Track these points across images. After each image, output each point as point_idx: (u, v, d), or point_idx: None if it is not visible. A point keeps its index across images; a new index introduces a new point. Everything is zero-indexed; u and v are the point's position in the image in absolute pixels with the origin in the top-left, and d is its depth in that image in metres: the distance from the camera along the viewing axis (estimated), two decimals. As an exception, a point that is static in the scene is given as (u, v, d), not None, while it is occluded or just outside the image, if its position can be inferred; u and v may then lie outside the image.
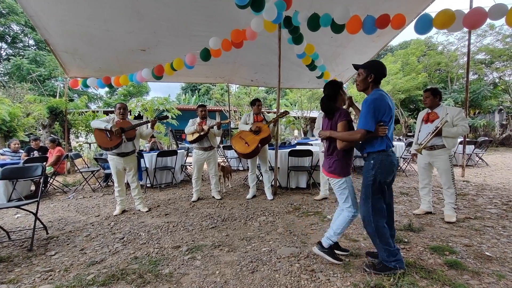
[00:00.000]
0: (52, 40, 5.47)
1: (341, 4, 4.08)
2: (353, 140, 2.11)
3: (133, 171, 3.93)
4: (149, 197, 4.80)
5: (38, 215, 2.95)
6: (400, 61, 16.57)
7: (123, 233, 3.10)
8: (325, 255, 2.28)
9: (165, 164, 5.71)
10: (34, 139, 5.95)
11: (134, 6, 4.65)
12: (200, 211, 3.88)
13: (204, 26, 5.23)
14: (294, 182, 5.07)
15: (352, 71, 7.92)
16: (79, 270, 2.30)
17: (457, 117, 3.15)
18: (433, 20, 3.62)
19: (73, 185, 5.94)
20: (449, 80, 17.11)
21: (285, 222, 3.33)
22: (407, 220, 3.24)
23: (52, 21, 4.93)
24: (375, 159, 2.10)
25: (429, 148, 3.27)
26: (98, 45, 5.70)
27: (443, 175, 3.25)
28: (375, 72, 2.13)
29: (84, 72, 6.73)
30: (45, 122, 8.21)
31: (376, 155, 2.10)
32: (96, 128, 3.69)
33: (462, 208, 3.74)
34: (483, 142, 8.04)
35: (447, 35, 16.75)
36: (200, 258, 2.45)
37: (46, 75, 17.05)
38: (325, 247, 2.28)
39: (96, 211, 4.04)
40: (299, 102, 17.45)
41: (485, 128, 14.79)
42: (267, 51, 6.17)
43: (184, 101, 23.40)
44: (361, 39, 5.97)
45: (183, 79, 9.12)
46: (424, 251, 2.47)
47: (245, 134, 4.23)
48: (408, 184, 5.36)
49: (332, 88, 2.35)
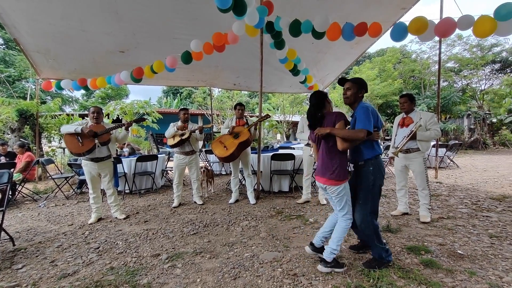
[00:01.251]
0: (22, 39, 5.16)
1: (322, 11, 4.20)
2: (357, 138, 2.09)
3: (109, 177, 3.75)
4: (128, 204, 4.62)
5: (4, 226, 2.75)
6: (377, 67, 17.26)
7: (98, 243, 2.95)
8: (334, 269, 2.19)
9: (145, 169, 5.53)
10: (0, 144, 5.56)
11: (112, 6, 4.50)
12: (181, 217, 3.78)
13: (185, 29, 5.16)
14: (277, 186, 5.09)
15: (332, 77, 8.14)
16: (48, 284, 2.16)
17: (430, 122, 3.31)
18: (408, 27, 3.80)
19: (45, 193, 5.59)
20: (422, 86, 18.04)
21: (267, 227, 3.32)
22: (385, 221, 3.34)
23: (22, 19, 4.65)
24: (374, 165, 2.22)
25: (405, 151, 3.40)
26: (73, 45, 5.44)
27: (418, 177, 3.39)
28: (365, 89, 2.31)
29: (58, 74, 6.39)
30: (14, 126, 7.71)
31: (374, 161, 2.23)
32: (66, 133, 3.47)
33: (435, 208, 3.92)
34: (454, 145, 8.52)
35: (420, 44, 17.76)
36: (180, 266, 2.37)
37: (16, 76, 16.09)
38: (329, 261, 2.20)
39: (69, 220, 3.83)
40: (281, 106, 17.64)
41: (455, 132, 15.71)
42: (250, 56, 6.19)
43: (166, 105, 22.93)
44: (341, 46, 6.15)
45: (164, 82, 8.94)
46: (401, 251, 2.55)
47: (225, 138, 4.22)
48: (386, 186, 5.55)
49: (319, 98, 2.34)
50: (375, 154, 2.24)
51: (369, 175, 2.21)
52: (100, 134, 3.53)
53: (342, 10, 4.85)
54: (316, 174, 2.34)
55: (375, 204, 2.26)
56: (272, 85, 8.63)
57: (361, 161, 2.25)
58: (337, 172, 2.15)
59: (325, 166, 2.22)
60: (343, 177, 2.17)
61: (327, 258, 2.20)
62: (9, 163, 5.11)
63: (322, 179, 2.24)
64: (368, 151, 2.23)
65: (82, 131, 3.40)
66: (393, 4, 4.87)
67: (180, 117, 4.35)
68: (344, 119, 2.18)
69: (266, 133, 18.03)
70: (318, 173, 2.30)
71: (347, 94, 2.30)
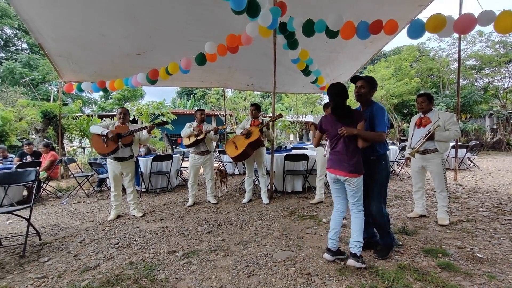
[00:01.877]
0: (46, 44, 5.44)
1: (335, 11, 4.16)
2: (380, 140, 2.34)
3: (130, 176, 3.91)
4: (144, 202, 4.76)
5: (31, 221, 2.91)
6: (393, 66, 16.85)
7: (117, 239, 3.08)
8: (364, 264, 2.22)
9: (161, 168, 5.68)
10: (27, 144, 5.87)
11: (130, 11, 4.67)
12: (196, 216, 3.87)
13: (199, 31, 5.26)
14: (290, 186, 5.09)
15: (346, 76, 8.03)
16: (73, 276, 2.27)
17: (449, 122, 3.22)
18: (425, 24, 3.71)
19: (67, 190, 5.86)
20: (441, 85, 17.45)
21: (281, 226, 3.34)
22: (401, 223, 3.28)
23: (46, 25, 4.91)
24: (385, 160, 2.47)
25: (422, 152, 3.33)
26: (93, 49, 5.68)
27: (436, 179, 3.30)
28: (376, 88, 2.48)
29: (79, 76, 6.69)
30: (39, 127, 8.11)
31: (385, 156, 2.47)
32: (94, 133, 3.69)
33: (454, 211, 3.80)
34: (475, 146, 8.19)
35: (439, 41, 17.15)
36: (196, 263, 2.44)
37: (39, 79, 16.89)
38: (359, 255, 2.23)
39: (90, 216, 4.00)
40: (294, 106, 17.56)
41: (476, 132, 15.07)
42: (263, 56, 6.22)
43: (180, 106, 23.33)
44: (355, 45, 6.07)
45: (178, 83, 9.14)
46: (418, 253, 2.50)
47: (237, 138, 4.31)
48: (402, 187, 5.43)
49: (342, 88, 2.33)
50: (386, 150, 2.48)
51: (383, 169, 2.43)
52: (124, 136, 3.69)
53: (356, 9, 4.80)
54: (333, 167, 2.36)
55: (386, 195, 2.53)
56: (285, 86, 8.64)
57: (373, 156, 2.41)
58: (355, 166, 2.27)
59: (346, 160, 2.29)
60: (362, 170, 2.30)
61: (358, 252, 2.23)
62: (34, 162, 5.39)
63: (342, 172, 2.29)
64: (381, 147, 2.43)
65: (107, 135, 3.58)
66: (410, 1, 4.77)
67: (196, 117, 4.44)
68: (364, 118, 2.32)
69: (279, 133, 18.02)
70: (336, 167, 2.33)
71: (360, 91, 2.42)
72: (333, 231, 2.40)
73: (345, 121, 2.30)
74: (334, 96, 2.33)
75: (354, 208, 2.33)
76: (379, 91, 15.00)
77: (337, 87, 2.35)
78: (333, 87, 2.36)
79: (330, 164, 2.40)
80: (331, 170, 2.38)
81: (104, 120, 3.99)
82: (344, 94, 2.32)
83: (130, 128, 3.80)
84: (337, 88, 2.33)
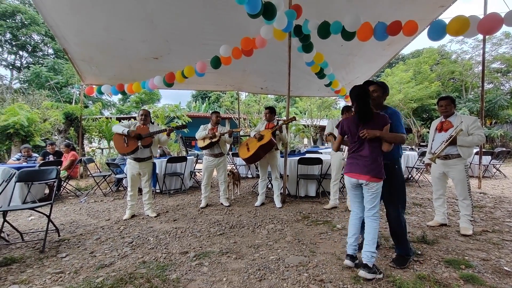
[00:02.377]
0: (70, 49, 5.68)
1: (352, 13, 4.09)
2: (402, 142, 2.32)
3: (147, 176, 3.99)
4: (158, 203, 4.83)
5: (51, 218, 3.02)
6: (412, 69, 16.36)
7: (132, 238, 3.13)
8: (376, 275, 2.12)
9: (175, 170, 5.77)
10: (50, 144, 6.13)
11: (148, 16, 4.81)
12: (208, 218, 3.88)
13: (215, 34, 5.34)
14: (303, 191, 5.01)
15: (362, 80, 7.86)
16: (88, 272, 2.33)
17: (473, 126, 3.06)
18: (446, 27, 3.57)
19: (85, 189, 6.06)
20: (464, 89, 16.74)
21: (293, 231, 3.28)
22: (420, 231, 3.14)
23: (71, 31, 5.14)
24: (399, 165, 2.42)
25: (444, 157, 3.17)
26: (113, 53, 5.89)
27: (459, 186, 3.14)
28: (388, 93, 2.52)
29: (99, 80, 6.94)
30: (61, 128, 8.48)
31: (399, 161, 2.43)
32: (116, 132, 3.83)
33: (479, 220, 3.60)
34: (500, 153, 7.76)
35: (461, 43, 16.50)
36: (207, 265, 2.43)
37: (63, 83, 17.71)
38: (371, 266, 2.14)
39: (106, 215, 4.10)
40: (309, 110, 17.40)
41: (502, 139, 14.31)
42: (277, 59, 6.22)
43: (195, 109, 23.72)
44: (372, 48, 5.95)
45: (193, 86, 9.28)
46: (438, 264, 2.37)
47: (250, 141, 4.31)
48: (422, 195, 5.21)
49: (366, 90, 2.28)
50: (400, 155, 2.46)
51: (400, 173, 2.40)
52: (144, 137, 3.79)
53: (373, 11, 4.70)
54: (354, 172, 2.29)
55: (405, 200, 2.45)
56: (299, 89, 8.58)
57: (389, 160, 2.35)
58: (380, 169, 2.22)
59: (368, 164, 2.23)
60: (384, 174, 2.24)
61: (370, 262, 2.14)
62: (56, 161, 5.62)
63: (364, 176, 2.22)
64: (396, 152, 2.39)
65: (129, 134, 3.68)
66: (431, 2, 4.63)
67: (212, 119, 4.49)
68: (389, 121, 2.26)
69: (293, 137, 17.89)
70: (357, 171, 2.26)
71: (373, 95, 2.42)
72: (353, 237, 2.35)
73: (370, 124, 2.24)
74: (359, 99, 2.26)
75: (370, 216, 2.25)
76: (397, 95, 14.60)
77: (361, 89, 2.28)
78: (357, 89, 2.30)
79: (350, 168, 2.33)
80: (351, 175, 2.31)
81: (125, 121, 4.13)
82: (368, 96, 2.26)
83: (151, 129, 3.91)
84: (362, 90, 2.27)
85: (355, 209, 2.41)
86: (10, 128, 7.84)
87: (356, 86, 2.33)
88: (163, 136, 4.05)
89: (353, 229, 2.37)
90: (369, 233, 2.22)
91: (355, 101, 2.30)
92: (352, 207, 2.44)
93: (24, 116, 8.12)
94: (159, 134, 4.01)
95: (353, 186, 2.34)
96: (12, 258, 2.57)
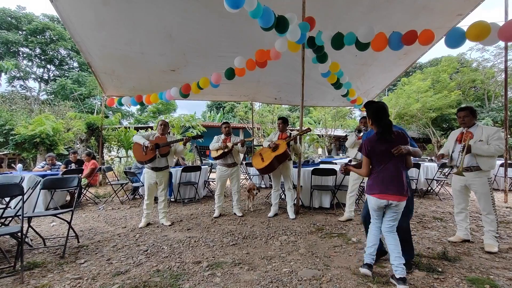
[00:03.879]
0: (94, 62, 6.02)
1: (366, 24, 4.10)
2: (420, 156, 2.51)
3: (163, 185, 4.09)
4: (173, 212, 4.90)
5: (71, 224, 3.14)
6: (430, 78, 15.96)
7: (147, 246, 3.18)
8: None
9: (189, 179, 5.85)
10: (73, 152, 6.41)
11: (167, 30, 5.03)
12: (222, 228, 3.89)
13: (230, 47, 5.49)
14: (317, 202, 4.93)
15: (378, 89, 7.78)
16: (105, 279, 2.38)
17: (493, 136, 2.93)
18: (466, 33, 3.48)
19: (104, 197, 6.25)
20: (486, 98, 16.10)
21: (307, 243, 3.23)
22: (441, 247, 3.00)
23: (95, 45, 5.46)
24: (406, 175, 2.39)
25: (465, 169, 3.05)
26: (133, 66, 6.17)
27: (482, 200, 2.99)
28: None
29: (120, 91, 7.27)
30: (83, 137, 8.87)
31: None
32: (135, 142, 3.99)
33: (505, 237, 3.39)
34: (528, 164, 7.32)
35: (482, 51, 15.99)
36: (220, 275, 2.43)
37: (86, 94, 18.65)
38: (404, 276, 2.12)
39: (123, 223, 4.20)
40: (323, 120, 17.26)
41: (530, 150, 13.52)
42: (291, 70, 6.28)
43: (209, 119, 24.13)
44: (387, 57, 5.90)
45: (208, 97, 9.49)
46: (460, 282, 2.25)
47: (264, 151, 4.32)
48: (442, 208, 4.99)
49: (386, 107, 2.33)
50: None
51: (410, 185, 2.43)
52: (161, 146, 3.91)
53: (388, 21, 4.68)
54: (384, 192, 2.22)
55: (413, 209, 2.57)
56: (313, 99, 8.57)
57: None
58: (407, 187, 2.25)
59: (400, 183, 2.21)
60: (409, 192, 2.27)
61: (404, 274, 2.12)
62: (78, 169, 5.86)
63: (396, 196, 2.19)
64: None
65: (147, 146, 3.83)
66: (448, 11, 4.56)
67: (222, 130, 4.57)
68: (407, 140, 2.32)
69: (307, 147, 17.74)
70: (388, 191, 2.20)
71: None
72: (374, 247, 2.35)
73: (395, 142, 2.23)
74: (382, 115, 2.27)
75: (390, 230, 2.27)
76: (415, 104, 14.24)
77: (380, 106, 2.31)
78: (376, 106, 2.32)
79: (379, 189, 2.24)
80: (381, 196, 2.22)
81: (146, 131, 4.28)
82: (388, 113, 2.30)
83: (168, 139, 4.03)
84: (382, 107, 2.30)
85: (376, 221, 2.37)
86: (37, 137, 8.31)
87: (374, 102, 2.36)
88: (179, 146, 4.16)
89: (374, 239, 2.36)
90: (396, 245, 2.22)
91: (376, 118, 2.30)
92: (373, 219, 2.40)
93: (50, 126, 8.59)
94: (176, 144, 4.11)
95: (380, 208, 2.27)
96: (34, 263, 2.69)
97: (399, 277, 2.09)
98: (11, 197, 2.68)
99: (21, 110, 13.19)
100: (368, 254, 2.34)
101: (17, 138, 8.55)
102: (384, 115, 2.27)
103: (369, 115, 2.35)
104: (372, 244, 2.34)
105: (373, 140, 2.31)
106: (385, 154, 2.24)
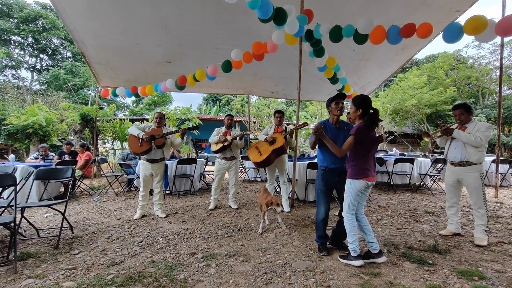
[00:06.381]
0: (87, 52, 5.90)
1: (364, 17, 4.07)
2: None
3: (159, 177, 4.08)
4: (168, 204, 4.91)
5: (65, 215, 3.12)
6: (426, 74, 16.03)
7: (142, 237, 3.19)
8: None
9: (185, 172, 5.84)
10: (66, 144, 6.33)
11: (163, 21, 4.94)
12: (217, 220, 3.91)
13: (226, 39, 5.42)
14: (312, 195, 4.97)
15: (374, 85, 7.80)
16: (99, 270, 2.39)
17: (479, 129, 2.99)
18: (463, 26, 3.48)
19: (98, 189, 6.22)
20: (481, 95, 16.25)
21: (301, 235, 3.27)
22: (432, 240, 3.06)
23: (89, 35, 5.34)
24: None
25: (458, 164, 3.10)
26: (128, 57, 6.07)
27: (473, 194, 3.05)
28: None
29: (114, 82, 7.16)
30: (77, 128, 8.76)
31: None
32: (131, 133, 3.97)
33: (494, 231, 3.47)
34: (519, 161, 7.46)
35: (478, 48, 16.06)
36: (214, 266, 2.45)
37: (80, 85, 18.32)
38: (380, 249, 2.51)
39: (118, 214, 4.20)
40: (319, 114, 17.29)
41: (521, 147, 13.78)
42: (288, 64, 6.24)
43: (205, 112, 23.97)
44: (384, 52, 5.90)
45: (205, 90, 9.42)
46: (450, 274, 2.31)
47: (261, 144, 4.30)
48: (434, 203, 5.08)
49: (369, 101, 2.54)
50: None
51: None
52: (157, 138, 3.89)
53: (387, 16, 4.66)
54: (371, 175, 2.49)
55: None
56: (310, 93, 8.57)
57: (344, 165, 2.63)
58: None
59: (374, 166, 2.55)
60: None
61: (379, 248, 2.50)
62: (71, 160, 5.80)
63: (374, 177, 2.52)
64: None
65: (143, 138, 3.82)
66: (446, 6, 4.56)
67: (224, 122, 4.56)
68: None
69: (303, 141, 17.78)
70: (373, 173, 2.51)
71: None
72: (371, 234, 2.51)
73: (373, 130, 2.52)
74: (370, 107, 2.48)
75: (363, 212, 2.58)
76: (410, 100, 14.33)
77: (369, 100, 2.52)
78: (367, 99, 2.51)
79: (368, 172, 2.47)
80: (370, 179, 2.47)
81: (141, 123, 4.25)
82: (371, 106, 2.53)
83: (164, 131, 4.00)
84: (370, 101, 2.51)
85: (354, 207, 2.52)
86: (30, 128, 8.16)
87: (365, 96, 2.57)
88: (176, 139, 4.13)
89: (355, 230, 2.50)
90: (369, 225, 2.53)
91: (368, 109, 2.48)
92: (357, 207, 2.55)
93: (43, 116, 8.44)
94: (172, 137, 4.10)
95: (364, 189, 2.49)
96: (28, 253, 2.68)
97: (378, 251, 2.45)
98: (3, 187, 2.65)
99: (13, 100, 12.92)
100: (356, 246, 2.46)
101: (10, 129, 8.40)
102: (371, 107, 2.49)
103: (361, 104, 2.50)
104: (356, 235, 2.48)
105: (364, 129, 2.48)
106: (372, 141, 2.49)
